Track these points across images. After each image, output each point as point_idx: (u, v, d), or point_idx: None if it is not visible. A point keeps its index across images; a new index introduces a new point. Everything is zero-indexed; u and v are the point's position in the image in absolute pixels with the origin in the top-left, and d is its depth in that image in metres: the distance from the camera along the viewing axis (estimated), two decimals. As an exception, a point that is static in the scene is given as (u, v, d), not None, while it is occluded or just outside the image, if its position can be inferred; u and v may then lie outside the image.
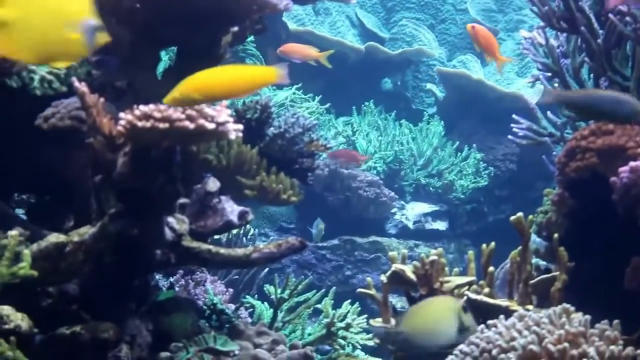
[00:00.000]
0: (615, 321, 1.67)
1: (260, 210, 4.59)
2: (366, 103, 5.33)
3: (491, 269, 2.19)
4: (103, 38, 1.59)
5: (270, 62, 4.81)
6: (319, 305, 2.92)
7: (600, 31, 2.25)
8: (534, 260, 2.26)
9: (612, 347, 1.59)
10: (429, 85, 5.70)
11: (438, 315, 1.86)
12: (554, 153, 2.41)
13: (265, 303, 3.05)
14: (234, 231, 3.80)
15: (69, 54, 1.59)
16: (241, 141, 2.51)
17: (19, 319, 1.95)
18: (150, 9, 2.19)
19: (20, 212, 2.57)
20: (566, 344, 1.59)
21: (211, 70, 1.71)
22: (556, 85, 2.46)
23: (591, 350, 1.58)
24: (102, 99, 2.02)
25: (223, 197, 2.40)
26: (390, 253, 2.33)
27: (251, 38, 4.34)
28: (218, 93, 1.73)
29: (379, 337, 2.16)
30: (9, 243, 1.94)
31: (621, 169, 1.93)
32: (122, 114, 1.88)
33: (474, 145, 5.15)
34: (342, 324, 2.82)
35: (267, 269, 3.86)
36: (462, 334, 1.79)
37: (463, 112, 5.40)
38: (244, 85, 1.74)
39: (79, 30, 1.55)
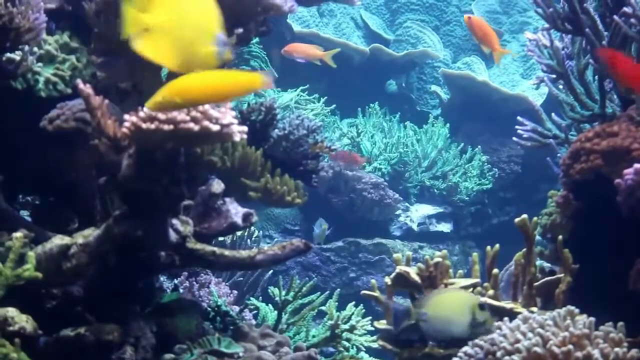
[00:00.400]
0: (620, 323, 1.67)
1: (265, 212, 4.59)
2: (371, 105, 5.33)
3: (495, 271, 2.18)
4: (228, 54, 1.65)
5: (275, 64, 4.82)
6: (323, 307, 2.92)
7: (605, 33, 2.24)
8: (539, 262, 2.26)
9: (616, 349, 1.59)
10: (433, 87, 5.69)
11: (454, 306, 1.87)
12: (559, 155, 2.40)
13: (270, 305, 3.05)
14: (238, 233, 3.80)
15: (202, 63, 1.66)
16: (246, 143, 2.51)
17: (23, 321, 1.96)
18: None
19: (25, 213, 2.57)
20: (570, 346, 1.58)
21: (195, 74, 1.71)
22: (560, 87, 2.46)
23: (595, 353, 1.57)
24: (106, 101, 2.03)
25: (227, 199, 2.40)
26: (395, 255, 2.33)
27: (256, 40, 4.34)
28: (202, 97, 1.72)
29: (398, 315, 2.12)
30: (14, 245, 1.95)
31: (626, 170, 1.92)
32: (126, 116, 1.88)
33: (479, 147, 5.15)
34: (347, 326, 2.82)
35: (271, 271, 3.86)
36: (475, 330, 1.80)
37: (467, 114, 5.39)
38: (228, 91, 1.74)
39: (214, 43, 1.63)
